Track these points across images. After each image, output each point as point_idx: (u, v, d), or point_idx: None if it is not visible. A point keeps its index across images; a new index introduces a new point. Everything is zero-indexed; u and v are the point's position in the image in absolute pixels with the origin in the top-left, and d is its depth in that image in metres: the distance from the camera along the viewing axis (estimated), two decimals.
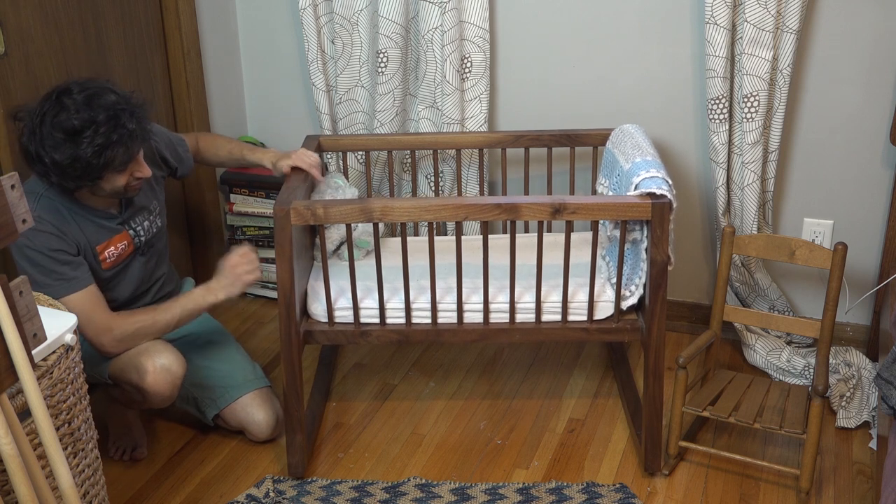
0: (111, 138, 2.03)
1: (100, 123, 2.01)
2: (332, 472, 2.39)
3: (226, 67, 3.18)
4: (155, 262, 2.43)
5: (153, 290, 2.44)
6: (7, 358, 1.42)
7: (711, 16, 2.51)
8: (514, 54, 2.89)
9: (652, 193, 2.13)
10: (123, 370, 2.19)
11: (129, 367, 2.18)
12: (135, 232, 2.32)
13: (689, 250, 2.95)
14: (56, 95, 2.04)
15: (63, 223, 2.15)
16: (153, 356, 2.18)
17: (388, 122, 2.92)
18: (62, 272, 2.12)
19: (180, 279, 2.64)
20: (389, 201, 2.13)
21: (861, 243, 2.74)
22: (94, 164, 2.03)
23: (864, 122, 2.64)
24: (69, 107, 2.01)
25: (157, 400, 2.22)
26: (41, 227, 2.10)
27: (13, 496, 1.61)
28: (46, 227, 2.11)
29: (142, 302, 2.40)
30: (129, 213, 2.31)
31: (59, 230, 2.13)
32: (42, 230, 2.10)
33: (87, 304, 2.14)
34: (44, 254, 2.10)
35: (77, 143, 2.01)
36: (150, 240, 2.38)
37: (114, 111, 2.04)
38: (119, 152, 2.06)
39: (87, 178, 2.07)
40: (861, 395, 2.58)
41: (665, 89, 2.78)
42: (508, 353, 2.95)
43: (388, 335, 2.32)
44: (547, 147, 2.71)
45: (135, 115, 2.09)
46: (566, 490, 2.27)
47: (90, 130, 2.01)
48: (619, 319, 2.30)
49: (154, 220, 2.39)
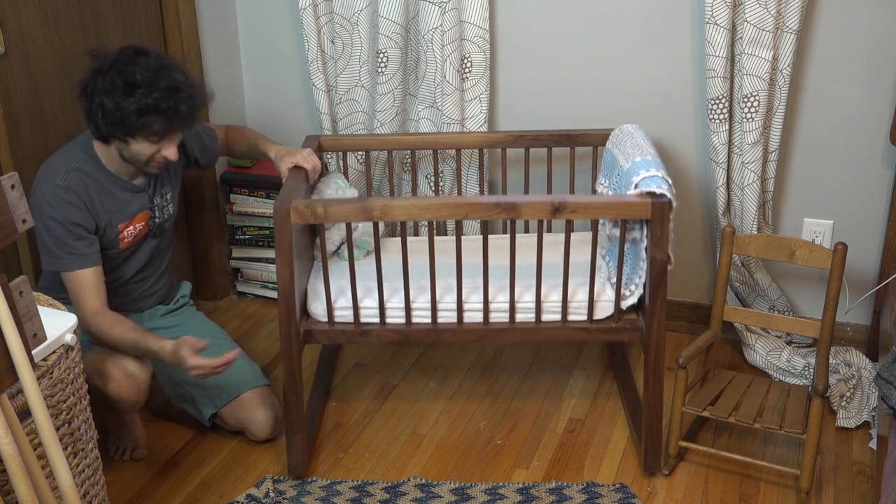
0: (159, 105, 2.10)
1: (157, 88, 2.09)
2: (332, 472, 2.39)
3: (226, 67, 3.18)
4: (162, 249, 2.48)
5: (153, 278, 2.47)
6: (7, 358, 1.42)
7: (711, 16, 2.51)
8: (514, 54, 2.89)
9: (652, 193, 2.13)
10: (90, 376, 2.17)
11: (95, 374, 2.17)
12: (153, 212, 2.38)
13: (689, 250, 2.95)
14: (134, 51, 2.13)
15: (90, 199, 2.21)
16: (118, 362, 2.18)
17: (388, 122, 2.92)
18: (74, 247, 2.17)
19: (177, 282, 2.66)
20: (389, 200, 2.13)
21: (861, 243, 2.74)
22: (131, 120, 2.10)
23: (864, 122, 2.64)
24: (140, 64, 2.11)
25: (124, 407, 2.22)
26: (68, 198, 2.17)
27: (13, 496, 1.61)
28: (72, 199, 2.17)
29: (140, 287, 2.44)
30: (154, 188, 2.37)
31: (84, 204, 2.19)
32: (68, 201, 2.16)
33: (86, 283, 2.19)
34: (63, 224, 2.16)
35: (128, 94, 2.08)
36: (163, 224, 2.44)
37: (175, 86, 2.13)
38: (158, 122, 2.12)
39: (120, 130, 2.13)
40: (861, 395, 2.58)
41: (665, 89, 2.78)
42: (508, 353, 2.95)
43: (387, 335, 2.32)
44: (547, 147, 2.71)
45: (191, 100, 2.17)
46: (566, 490, 2.27)
47: (145, 89, 2.09)
48: (619, 319, 2.30)
49: (169, 205, 2.45)
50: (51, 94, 2.52)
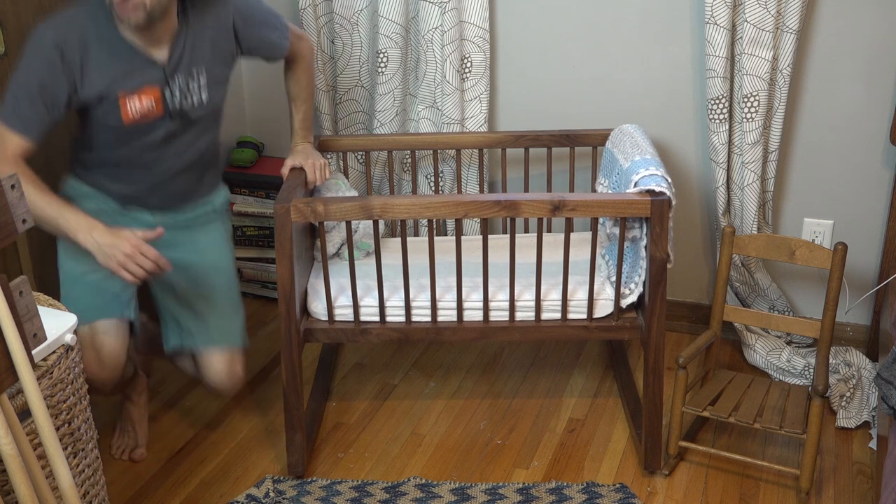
0: None
1: None
2: (332, 472, 2.39)
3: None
4: (188, 139, 2.21)
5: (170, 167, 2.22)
6: (7, 358, 1.42)
7: (711, 16, 2.51)
8: (514, 54, 2.89)
9: (651, 191, 2.13)
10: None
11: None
12: (170, 91, 2.12)
13: (689, 250, 2.95)
14: None
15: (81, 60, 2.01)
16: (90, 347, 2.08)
17: (388, 122, 2.92)
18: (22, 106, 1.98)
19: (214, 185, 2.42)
20: (389, 198, 2.13)
21: (861, 243, 2.74)
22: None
23: (864, 122, 2.64)
24: None
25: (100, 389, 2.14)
26: (52, 59, 1.97)
27: (13, 496, 1.61)
28: (56, 61, 1.97)
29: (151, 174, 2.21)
30: (174, 66, 2.11)
31: (72, 68, 2.00)
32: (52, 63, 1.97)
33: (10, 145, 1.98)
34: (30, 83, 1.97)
35: None
36: (187, 109, 2.16)
37: None
38: None
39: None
40: (861, 395, 2.58)
41: (665, 89, 2.78)
42: (508, 352, 2.95)
43: (388, 333, 2.32)
44: (547, 147, 2.71)
45: None
46: (566, 490, 2.27)
47: None
48: (619, 317, 2.30)
49: (199, 88, 2.16)
50: None
